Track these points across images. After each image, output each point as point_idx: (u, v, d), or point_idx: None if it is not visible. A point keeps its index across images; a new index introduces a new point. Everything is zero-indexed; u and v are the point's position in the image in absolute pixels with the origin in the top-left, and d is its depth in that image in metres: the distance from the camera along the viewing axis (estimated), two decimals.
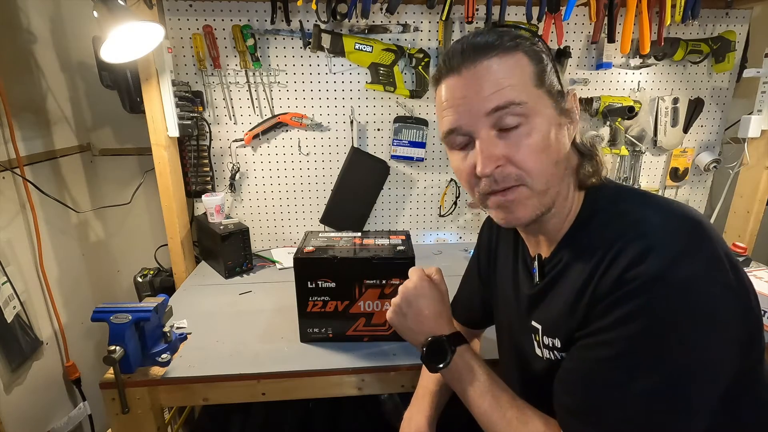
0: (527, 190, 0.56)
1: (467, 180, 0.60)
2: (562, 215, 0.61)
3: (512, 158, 0.55)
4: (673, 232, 0.50)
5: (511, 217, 0.58)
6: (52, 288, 1.30)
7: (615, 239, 0.51)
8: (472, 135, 0.57)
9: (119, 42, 1.04)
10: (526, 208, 0.57)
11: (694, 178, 1.68)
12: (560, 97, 0.57)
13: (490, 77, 0.54)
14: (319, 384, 0.92)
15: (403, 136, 1.50)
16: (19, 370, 1.17)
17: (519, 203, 0.57)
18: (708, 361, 0.47)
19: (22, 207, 1.23)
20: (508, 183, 0.56)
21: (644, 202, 0.55)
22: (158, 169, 1.34)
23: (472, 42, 0.56)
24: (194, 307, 1.17)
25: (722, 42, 1.48)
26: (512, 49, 0.55)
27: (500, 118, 0.54)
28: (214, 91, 1.43)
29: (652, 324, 0.47)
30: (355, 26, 1.40)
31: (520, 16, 1.42)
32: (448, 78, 0.57)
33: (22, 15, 1.27)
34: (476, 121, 0.55)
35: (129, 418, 0.88)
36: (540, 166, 0.55)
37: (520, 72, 0.55)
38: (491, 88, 0.54)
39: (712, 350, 0.47)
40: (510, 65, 0.54)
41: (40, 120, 1.33)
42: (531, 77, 0.55)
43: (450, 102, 0.57)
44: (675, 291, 0.46)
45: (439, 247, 1.63)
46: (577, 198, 0.61)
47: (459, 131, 0.57)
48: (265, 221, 1.59)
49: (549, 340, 0.61)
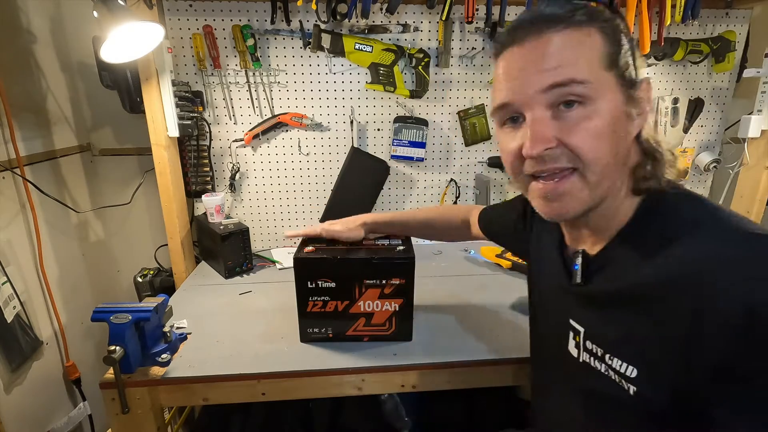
0: (579, 179, 0.51)
1: (511, 162, 0.55)
2: (609, 214, 0.55)
3: (566, 141, 0.49)
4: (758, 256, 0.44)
5: (556, 208, 0.53)
6: (52, 288, 1.30)
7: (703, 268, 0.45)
8: (523, 112, 0.52)
9: (119, 42, 1.04)
10: (575, 201, 0.52)
11: (694, 178, 1.68)
12: (632, 84, 0.52)
13: (553, 51, 0.49)
14: (319, 384, 0.92)
15: (403, 136, 1.50)
16: (19, 370, 1.17)
17: (568, 194, 0.51)
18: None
19: (22, 207, 1.23)
20: (559, 164, 0.50)
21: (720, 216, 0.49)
22: (158, 169, 1.34)
23: (542, 12, 0.51)
24: (194, 307, 1.17)
25: (722, 42, 1.48)
26: (584, 24, 0.50)
27: (558, 97, 0.49)
28: (214, 91, 1.43)
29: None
30: (355, 26, 1.40)
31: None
32: (509, 49, 0.52)
33: (22, 15, 1.27)
34: (531, 98, 0.50)
35: (129, 418, 0.88)
36: (597, 154, 0.49)
37: (588, 49, 0.49)
38: (553, 63, 0.49)
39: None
40: (579, 41, 0.49)
41: (40, 120, 1.33)
42: (601, 57, 0.50)
43: (506, 74, 0.52)
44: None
45: (439, 247, 1.63)
46: (630, 200, 0.55)
47: (510, 107, 0.53)
48: (265, 221, 1.59)
49: (593, 347, 0.57)
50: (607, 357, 0.55)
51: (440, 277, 1.34)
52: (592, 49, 0.50)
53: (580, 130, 0.49)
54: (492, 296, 1.20)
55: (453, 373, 0.92)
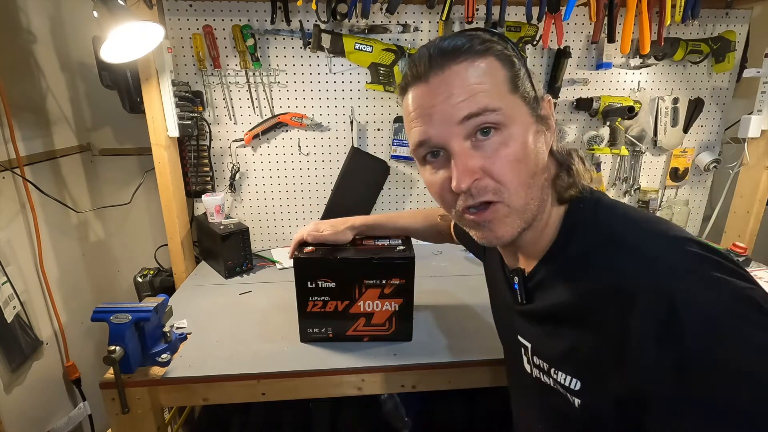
0: (505, 207, 0.52)
1: (441, 195, 0.56)
2: (538, 229, 0.57)
3: (489, 170, 0.51)
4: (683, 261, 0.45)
5: (491, 235, 0.55)
6: (52, 288, 1.30)
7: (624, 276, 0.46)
8: (443, 146, 0.52)
9: (119, 42, 1.04)
10: (506, 225, 0.53)
11: (694, 178, 1.68)
12: (535, 103, 0.54)
13: (460, 83, 0.50)
14: (319, 384, 0.92)
15: (403, 136, 1.50)
16: (19, 370, 1.17)
17: (498, 221, 0.53)
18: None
19: (22, 207, 1.23)
20: (485, 197, 0.52)
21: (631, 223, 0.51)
22: (158, 169, 1.34)
23: (440, 46, 0.52)
24: (194, 307, 1.17)
25: (722, 42, 1.48)
26: (483, 53, 0.51)
27: (473, 127, 0.50)
28: (214, 91, 1.43)
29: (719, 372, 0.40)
30: (355, 26, 1.40)
31: (520, 16, 1.42)
32: (415, 86, 0.53)
33: (22, 15, 1.27)
34: (448, 132, 0.51)
35: (129, 418, 0.88)
36: (518, 179, 0.51)
37: (492, 77, 0.51)
38: (463, 94, 0.50)
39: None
40: (482, 70, 0.50)
41: (40, 120, 1.33)
42: (504, 82, 0.51)
43: (418, 112, 0.53)
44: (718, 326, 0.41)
45: (438, 247, 1.63)
46: (555, 211, 0.57)
47: (429, 143, 0.53)
48: (265, 221, 1.59)
49: (540, 362, 0.59)
50: (552, 371, 0.56)
51: (440, 277, 1.34)
52: (495, 76, 0.51)
53: (500, 158, 0.50)
54: None
55: (453, 373, 0.92)
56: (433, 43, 0.53)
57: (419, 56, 0.53)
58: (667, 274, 0.44)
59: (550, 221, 0.57)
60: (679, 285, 0.43)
